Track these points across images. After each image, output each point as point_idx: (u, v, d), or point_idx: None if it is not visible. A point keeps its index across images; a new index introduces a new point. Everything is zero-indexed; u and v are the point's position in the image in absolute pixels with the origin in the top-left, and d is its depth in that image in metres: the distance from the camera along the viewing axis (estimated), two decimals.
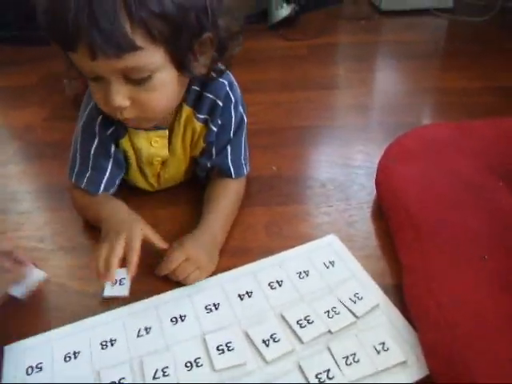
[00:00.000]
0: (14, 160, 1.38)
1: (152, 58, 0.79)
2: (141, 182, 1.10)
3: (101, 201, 0.99)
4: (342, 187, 1.13)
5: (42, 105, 1.67)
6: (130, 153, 1.03)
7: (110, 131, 0.98)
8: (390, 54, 2.01)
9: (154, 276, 0.90)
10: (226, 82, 0.98)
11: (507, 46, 1.90)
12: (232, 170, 1.03)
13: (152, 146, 1.01)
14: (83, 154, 1.00)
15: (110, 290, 0.87)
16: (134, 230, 0.84)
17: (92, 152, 0.99)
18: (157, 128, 0.99)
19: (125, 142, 1.01)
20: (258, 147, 1.20)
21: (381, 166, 1.06)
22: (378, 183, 1.05)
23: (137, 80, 0.80)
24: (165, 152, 1.03)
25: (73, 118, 1.40)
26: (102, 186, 1.00)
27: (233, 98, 0.99)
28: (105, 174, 1.00)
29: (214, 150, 1.02)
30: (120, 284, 0.88)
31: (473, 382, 0.64)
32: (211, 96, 0.97)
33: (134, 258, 0.81)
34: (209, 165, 1.04)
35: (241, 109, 1.02)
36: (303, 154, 1.29)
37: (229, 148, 1.02)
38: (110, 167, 1.00)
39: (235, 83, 1.01)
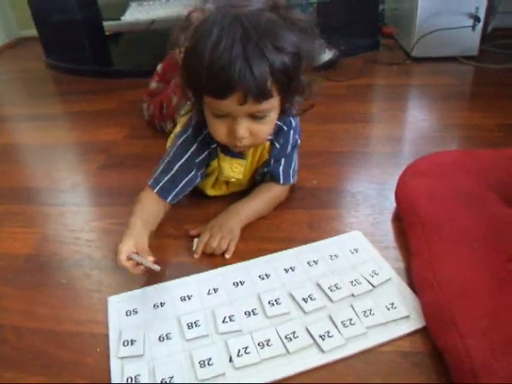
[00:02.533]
0: (103, 167, 1.70)
1: (275, 102, 1.06)
2: (209, 190, 1.37)
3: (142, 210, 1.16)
4: (368, 198, 1.37)
5: (122, 125, 1.99)
6: (213, 171, 1.29)
7: (203, 156, 1.22)
8: (418, 95, 2.19)
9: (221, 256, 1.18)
10: None
11: None
12: (281, 176, 1.30)
13: (232, 170, 1.28)
14: (167, 170, 1.20)
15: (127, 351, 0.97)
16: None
17: (174, 170, 1.19)
18: (237, 156, 1.25)
19: (214, 163, 1.27)
20: (303, 166, 1.44)
21: (399, 181, 1.30)
22: (396, 193, 1.29)
23: (258, 117, 1.05)
24: (240, 176, 1.29)
25: (147, 136, 1.80)
26: (171, 196, 1.19)
27: (293, 124, 1.27)
28: (177, 187, 1.20)
29: (272, 160, 1.28)
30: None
31: (456, 328, 0.87)
32: (280, 123, 1.23)
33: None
34: (265, 170, 1.30)
35: (297, 133, 1.29)
36: (339, 172, 1.52)
37: (283, 160, 1.29)
38: (181, 185, 1.20)
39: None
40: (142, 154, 1.73)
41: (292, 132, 1.26)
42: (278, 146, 1.26)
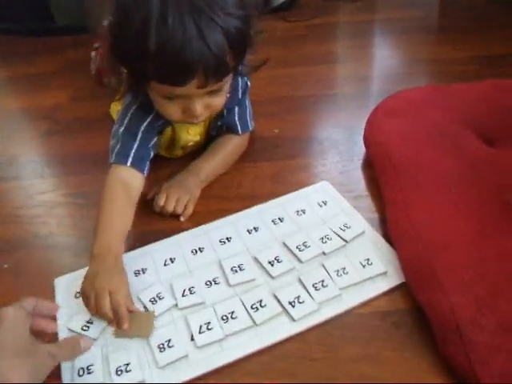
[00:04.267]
0: (47, 133, 1.54)
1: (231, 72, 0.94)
2: (164, 153, 1.25)
3: (107, 214, 0.96)
4: (336, 144, 1.27)
5: (65, 87, 1.81)
6: (167, 137, 1.18)
7: (160, 122, 1.09)
8: (384, 31, 2.08)
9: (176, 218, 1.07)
10: None
11: (496, 19, 1.97)
12: (239, 126, 1.19)
13: (188, 133, 1.17)
14: (130, 139, 1.06)
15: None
16: (119, 288, 0.85)
17: (140, 133, 1.06)
18: None
19: (169, 131, 1.15)
20: (263, 115, 1.34)
21: (368, 123, 1.20)
22: (365, 137, 1.19)
23: (215, 91, 0.95)
24: (197, 137, 1.19)
25: (94, 97, 1.61)
26: (130, 158, 1.03)
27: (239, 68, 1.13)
28: (150, 155, 1.06)
29: (225, 111, 1.16)
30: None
31: (438, 283, 0.79)
32: None
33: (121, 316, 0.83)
34: (219, 123, 1.19)
35: (245, 76, 1.16)
36: (303, 119, 1.42)
37: (236, 108, 1.17)
38: (136, 146, 1.05)
39: None
40: (88, 117, 1.56)
41: (239, 76, 1.13)
42: (228, 95, 1.13)
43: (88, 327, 0.85)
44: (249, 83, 1.18)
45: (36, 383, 0.65)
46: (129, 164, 1.02)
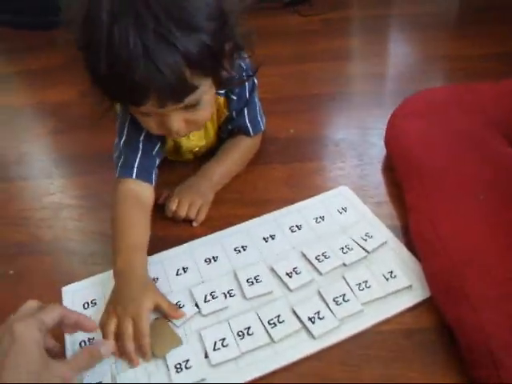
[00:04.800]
0: (54, 131, 1.51)
1: (204, 87, 0.86)
2: (176, 158, 1.21)
3: (124, 230, 0.92)
4: (354, 145, 1.22)
5: (73, 83, 1.75)
6: (170, 145, 1.13)
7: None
8: (400, 26, 2.03)
9: (189, 223, 1.03)
10: None
11: None
12: (250, 128, 1.13)
13: (190, 139, 1.11)
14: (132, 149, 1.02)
15: None
16: (142, 311, 0.78)
17: (141, 142, 1.02)
18: None
19: (169, 140, 1.10)
20: (277, 113, 1.29)
21: (389, 124, 1.15)
22: (386, 139, 1.14)
23: (190, 106, 0.87)
24: (202, 142, 1.14)
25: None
26: (134, 170, 0.99)
27: (244, 67, 1.06)
28: (155, 164, 1.03)
29: (234, 114, 1.11)
30: None
31: (468, 300, 0.73)
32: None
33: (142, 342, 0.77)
34: (229, 127, 1.14)
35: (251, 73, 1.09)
36: (318, 118, 1.37)
37: (245, 110, 1.11)
38: (139, 157, 1.01)
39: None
40: (97, 114, 1.51)
41: (244, 75, 1.07)
42: (234, 97, 1.08)
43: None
44: (255, 81, 1.12)
45: None
46: (134, 176, 0.98)
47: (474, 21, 1.91)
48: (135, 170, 0.98)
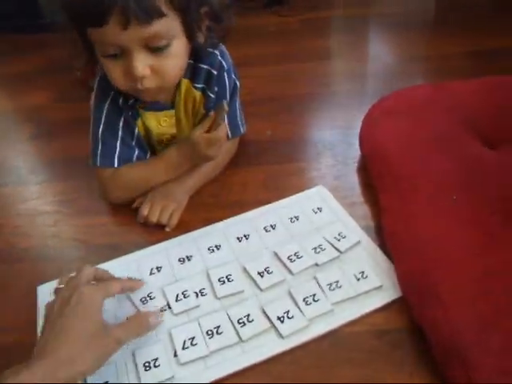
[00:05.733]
0: (30, 137, 1.48)
1: (172, 24, 0.87)
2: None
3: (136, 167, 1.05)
4: (330, 146, 1.21)
5: (50, 88, 1.74)
6: (142, 133, 1.10)
7: (130, 114, 1.05)
8: (379, 25, 2.03)
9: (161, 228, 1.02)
10: (217, 52, 1.04)
11: (489, 12, 1.94)
12: (229, 130, 1.11)
13: (161, 125, 1.10)
14: (111, 137, 1.04)
15: None
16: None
17: (120, 128, 1.04)
18: (163, 108, 1.07)
19: (139, 124, 1.08)
20: (254, 115, 1.28)
21: (364, 123, 1.15)
22: (361, 139, 1.14)
23: (157, 48, 0.87)
24: (173, 130, 1.11)
25: (79, 99, 1.50)
26: (116, 159, 1.03)
27: (225, 66, 1.06)
28: (116, 149, 1.04)
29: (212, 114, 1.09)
30: None
31: (439, 300, 0.74)
32: (205, 66, 1.04)
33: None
34: None
35: (233, 75, 1.09)
36: (296, 119, 1.36)
37: None
38: (118, 145, 1.04)
39: (226, 52, 1.08)
40: (74, 119, 1.48)
41: (226, 75, 1.07)
42: (212, 95, 1.07)
43: None
44: (237, 82, 1.11)
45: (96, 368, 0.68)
46: (116, 165, 0.99)
47: (451, 20, 1.92)
48: (116, 159, 1.01)
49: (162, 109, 1.07)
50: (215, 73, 1.05)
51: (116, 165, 1.02)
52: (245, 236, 0.96)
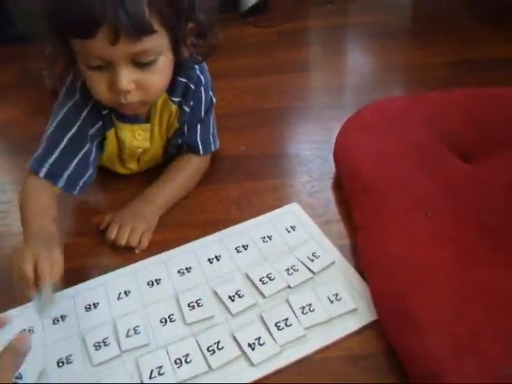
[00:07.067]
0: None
1: (161, 41, 0.85)
2: (119, 168, 1.16)
3: (36, 207, 0.92)
4: (305, 161, 1.19)
5: (21, 102, 1.69)
6: (113, 144, 1.07)
7: (97, 126, 1.01)
8: (356, 36, 2.01)
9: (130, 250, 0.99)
10: (197, 66, 1.03)
11: (468, 21, 1.92)
12: (200, 146, 1.10)
13: (135, 138, 1.06)
14: (52, 145, 0.98)
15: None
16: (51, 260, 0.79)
17: (62, 145, 0.97)
18: (139, 121, 1.04)
19: (111, 134, 1.05)
20: (228, 129, 1.26)
21: (338, 139, 1.13)
22: (335, 155, 1.11)
23: (143, 63, 0.86)
24: (147, 144, 1.08)
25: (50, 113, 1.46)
26: (44, 168, 0.95)
27: (203, 80, 1.05)
28: (70, 167, 0.98)
29: (185, 128, 1.08)
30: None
31: (413, 323, 0.72)
32: (184, 80, 1.02)
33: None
34: (179, 141, 1.10)
35: (210, 91, 1.08)
36: (271, 133, 1.34)
37: (199, 126, 1.09)
38: (75, 164, 0.98)
39: (205, 66, 1.07)
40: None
41: (203, 90, 1.06)
42: (187, 109, 1.05)
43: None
44: (214, 99, 1.10)
45: None
46: (41, 175, 0.94)
47: (428, 29, 1.91)
48: (45, 168, 0.95)
49: (136, 121, 1.04)
50: (193, 87, 1.04)
51: (42, 174, 0.95)
52: (216, 257, 0.94)
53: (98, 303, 0.88)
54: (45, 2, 0.81)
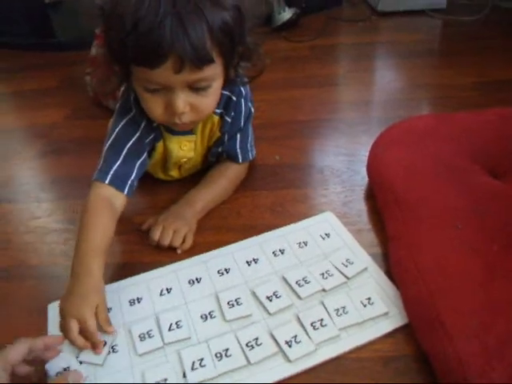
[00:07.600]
0: (42, 154, 1.50)
1: (217, 69, 0.91)
2: (161, 175, 1.22)
3: (89, 232, 0.92)
4: (338, 173, 1.24)
5: (63, 105, 1.75)
6: (160, 154, 1.13)
7: (150, 138, 1.07)
8: (386, 53, 2.05)
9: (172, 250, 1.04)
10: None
11: (497, 43, 1.95)
12: (239, 155, 1.15)
13: (181, 149, 1.12)
14: (114, 154, 1.01)
15: (86, 356, 0.82)
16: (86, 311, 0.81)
17: (124, 153, 1.01)
18: (186, 133, 1.09)
19: (159, 145, 1.11)
20: (264, 139, 1.31)
21: (371, 153, 1.17)
22: (368, 168, 1.16)
23: (199, 88, 0.91)
24: (191, 154, 1.14)
25: (92, 117, 1.57)
26: (109, 176, 0.98)
27: (243, 92, 1.10)
28: (132, 174, 1.02)
29: (226, 137, 1.13)
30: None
31: (444, 330, 0.75)
32: (227, 92, 1.07)
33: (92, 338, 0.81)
34: (219, 150, 1.15)
35: (249, 102, 1.13)
36: (304, 144, 1.38)
37: (238, 136, 1.14)
38: (135, 171, 1.02)
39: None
40: (85, 138, 1.52)
41: (243, 101, 1.11)
42: (229, 119, 1.11)
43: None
44: (252, 110, 1.15)
45: None
46: (107, 182, 0.98)
47: (456, 49, 1.94)
48: (110, 175, 0.98)
49: (184, 133, 1.09)
50: (234, 99, 1.09)
51: (107, 181, 0.98)
52: (254, 260, 0.98)
53: (141, 298, 0.93)
54: (117, 32, 0.85)
